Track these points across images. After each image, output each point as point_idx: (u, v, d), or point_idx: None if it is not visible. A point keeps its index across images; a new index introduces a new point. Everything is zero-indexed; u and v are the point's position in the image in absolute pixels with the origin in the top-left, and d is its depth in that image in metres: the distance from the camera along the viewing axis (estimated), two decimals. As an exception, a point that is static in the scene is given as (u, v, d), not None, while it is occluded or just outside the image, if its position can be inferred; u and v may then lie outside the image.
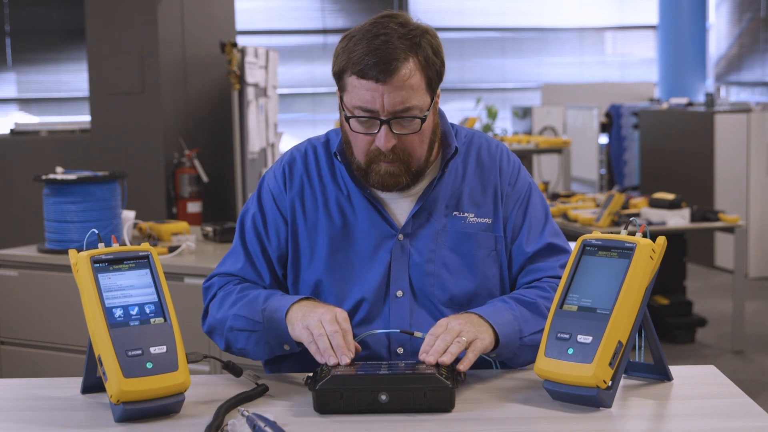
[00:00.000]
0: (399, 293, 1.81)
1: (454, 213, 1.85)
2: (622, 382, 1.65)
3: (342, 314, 1.66)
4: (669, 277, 5.43)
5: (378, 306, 1.81)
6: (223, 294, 1.86)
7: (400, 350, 1.80)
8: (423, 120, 1.75)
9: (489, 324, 1.68)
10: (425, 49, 1.74)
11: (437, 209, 1.85)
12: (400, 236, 1.83)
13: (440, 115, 1.89)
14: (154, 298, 1.55)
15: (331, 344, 1.61)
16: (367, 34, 1.72)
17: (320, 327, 1.63)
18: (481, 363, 1.84)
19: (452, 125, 1.91)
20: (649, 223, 5.07)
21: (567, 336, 1.53)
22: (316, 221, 1.86)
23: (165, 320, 1.54)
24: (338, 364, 1.59)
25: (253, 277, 1.89)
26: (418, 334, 1.69)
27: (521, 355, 1.73)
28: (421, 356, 1.61)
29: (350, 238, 1.84)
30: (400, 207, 1.85)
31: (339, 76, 1.77)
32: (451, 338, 1.61)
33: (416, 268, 1.82)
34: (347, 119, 1.76)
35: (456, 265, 1.83)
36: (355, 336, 1.67)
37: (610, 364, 1.50)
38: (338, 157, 1.85)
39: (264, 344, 1.76)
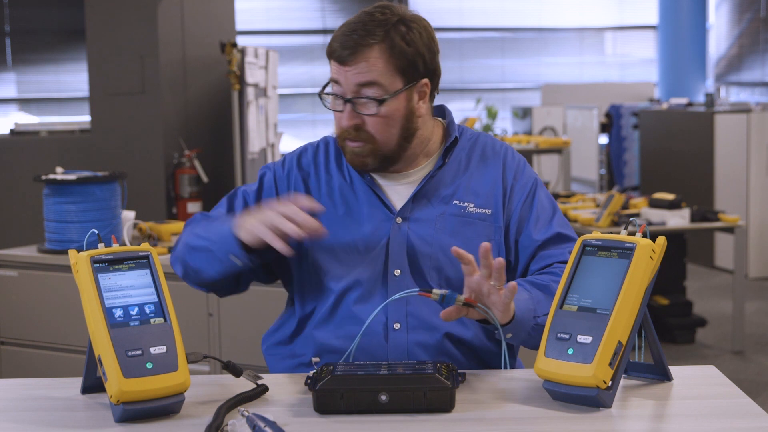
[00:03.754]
0: (397, 272, 1.85)
1: (454, 201, 1.90)
2: (622, 382, 1.65)
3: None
4: (669, 278, 5.43)
5: (376, 285, 1.85)
6: (192, 224, 1.94)
7: (397, 326, 1.83)
8: (380, 102, 1.82)
9: None
10: (393, 37, 1.82)
11: (437, 196, 1.90)
12: (398, 219, 1.88)
13: (442, 108, 1.98)
14: (154, 298, 1.55)
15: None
16: (350, 20, 1.86)
17: (268, 212, 1.71)
18: (493, 359, 1.87)
19: (459, 126, 1.97)
20: (649, 224, 5.07)
21: (567, 336, 1.53)
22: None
23: (165, 320, 1.54)
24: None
25: None
26: (437, 291, 1.66)
27: (535, 336, 1.74)
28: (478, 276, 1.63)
29: (352, 223, 1.89)
30: (400, 192, 1.92)
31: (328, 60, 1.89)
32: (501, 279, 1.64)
33: (413, 249, 1.86)
34: (320, 96, 1.88)
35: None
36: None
37: (610, 364, 1.50)
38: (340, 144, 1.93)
39: (214, 259, 1.81)
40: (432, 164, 1.93)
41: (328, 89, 1.86)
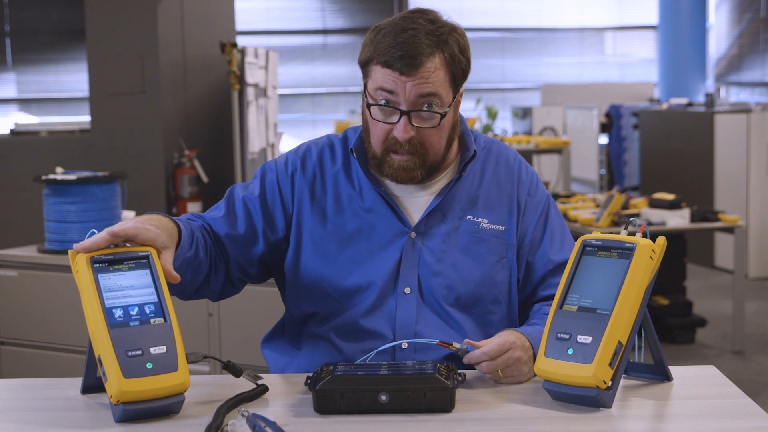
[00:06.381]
0: (407, 290, 1.82)
1: (468, 216, 1.86)
2: (622, 382, 1.65)
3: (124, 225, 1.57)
4: (669, 278, 5.43)
5: (385, 300, 1.82)
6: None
7: (405, 345, 1.80)
8: (443, 116, 1.77)
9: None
10: (452, 46, 1.77)
11: (452, 211, 1.86)
12: (413, 234, 1.84)
13: (460, 117, 1.91)
14: (154, 298, 1.55)
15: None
16: (396, 28, 1.75)
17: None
18: None
19: (471, 131, 1.93)
20: (649, 224, 5.07)
21: (567, 336, 1.53)
22: (325, 216, 1.87)
23: (165, 320, 1.53)
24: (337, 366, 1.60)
25: (223, 227, 1.85)
26: (456, 345, 1.69)
27: None
28: (470, 359, 1.65)
29: (361, 235, 1.84)
30: (414, 205, 1.87)
31: (365, 64, 1.80)
32: (503, 364, 1.64)
33: (425, 266, 1.82)
34: (369, 106, 1.78)
35: (465, 267, 1.83)
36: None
37: (610, 364, 1.50)
38: (354, 153, 1.86)
39: None
40: (449, 176, 1.88)
41: (380, 95, 1.75)
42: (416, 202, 1.86)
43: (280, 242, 1.89)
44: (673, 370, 1.68)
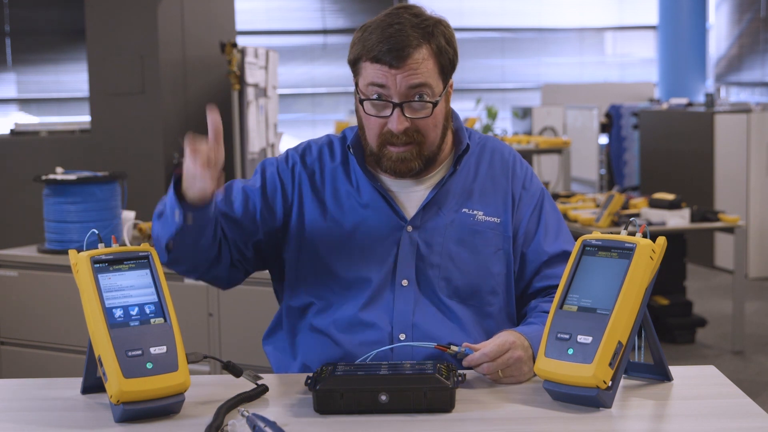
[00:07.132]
0: (404, 282, 1.84)
1: (464, 210, 1.88)
2: (622, 382, 1.65)
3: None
4: (669, 278, 5.43)
5: (383, 293, 1.83)
6: None
7: (402, 337, 1.81)
8: (434, 105, 1.80)
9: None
10: (438, 37, 1.80)
11: (447, 204, 1.88)
12: (409, 227, 1.86)
13: (453, 113, 1.94)
14: (154, 298, 1.55)
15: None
16: (382, 24, 1.79)
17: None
18: None
19: (466, 129, 1.95)
20: (649, 224, 5.07)
21: (567, 336, 1.53)
22: (324, 209, 1.89)
23: (165, 320, 1.54)
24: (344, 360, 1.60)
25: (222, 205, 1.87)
26: (454, 348, 1.69)
27: None
28: (470, 362, 1.66)
29: (359, 229, 1.86)
30: (410, 199, 1.89)
31: (354, 63, 1.84)
32: (503, 365, 1.66)
33: (422, 259, 1.84)
34: (361, 102, 1.81)
35: (461, 259, 1.85)
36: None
37: (610, 364, 1.50)
38: (351, 149, 1.89)
39: (165, 221, 1.75)
40: (444, 171, 1.91)
41: (371, 90, 1.78)
42: (412, 196, 1.89)
43: (277, 231, 1.90)
44: (673, 370, 1.68)
